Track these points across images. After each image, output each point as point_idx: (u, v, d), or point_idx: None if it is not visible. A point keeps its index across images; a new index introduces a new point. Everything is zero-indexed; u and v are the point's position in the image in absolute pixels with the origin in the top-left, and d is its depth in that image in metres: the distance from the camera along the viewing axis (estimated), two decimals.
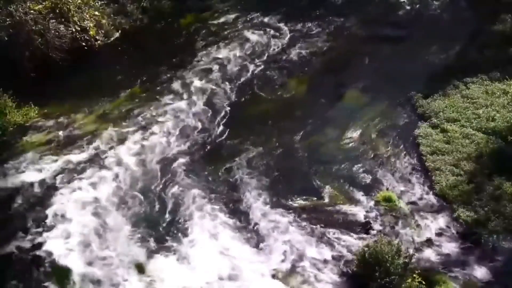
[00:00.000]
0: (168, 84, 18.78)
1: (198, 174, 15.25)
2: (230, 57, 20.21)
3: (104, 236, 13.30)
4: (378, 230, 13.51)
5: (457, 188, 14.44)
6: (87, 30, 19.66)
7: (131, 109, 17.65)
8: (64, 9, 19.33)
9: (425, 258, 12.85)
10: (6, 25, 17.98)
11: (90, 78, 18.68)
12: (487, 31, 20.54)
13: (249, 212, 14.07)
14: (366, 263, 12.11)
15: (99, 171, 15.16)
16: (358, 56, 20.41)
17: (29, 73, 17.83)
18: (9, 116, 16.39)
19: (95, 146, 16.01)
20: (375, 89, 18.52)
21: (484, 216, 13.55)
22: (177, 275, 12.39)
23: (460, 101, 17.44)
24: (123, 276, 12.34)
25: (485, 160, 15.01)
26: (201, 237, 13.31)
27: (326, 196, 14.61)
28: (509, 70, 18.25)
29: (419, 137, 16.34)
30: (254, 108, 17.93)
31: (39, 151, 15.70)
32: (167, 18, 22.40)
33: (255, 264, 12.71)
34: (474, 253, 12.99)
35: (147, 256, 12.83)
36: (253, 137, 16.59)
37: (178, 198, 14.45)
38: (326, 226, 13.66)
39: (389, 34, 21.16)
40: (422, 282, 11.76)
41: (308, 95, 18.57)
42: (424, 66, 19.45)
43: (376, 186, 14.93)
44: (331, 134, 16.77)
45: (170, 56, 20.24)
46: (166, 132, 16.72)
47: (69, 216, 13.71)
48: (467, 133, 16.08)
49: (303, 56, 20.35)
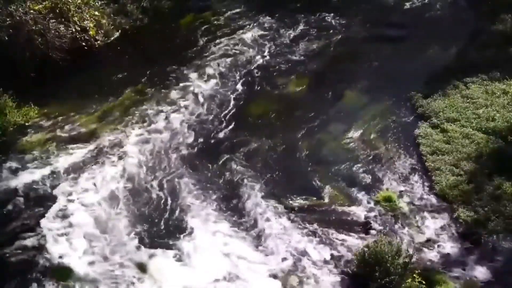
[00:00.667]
0: (168, 84, 18.78)
1: (198, 174, 15.25)
2: (230, 57, 20.22)
3: (104, 236, 13.29)
4: (378, 230, 13.52)
5: (457, 188, 14.45)
6: (87, 30, 19.67)
7: (131, 109, 17.64)
8: (64, 9, 19.33)
9: (425, 258, 12.86)
10: (6, 25, 17.98)
11: (90, 78, 18.68)
12: (487, 31, 20.55)
13: (249, 212, 14.07)
14: (366, 263, 12.11)
15: (99, 170, 15.15)
16: (358, 56, 20.43)
17: (29, 73, 17.82)
18: (9, 116, 16.37)
19: (95, 146, 16.01)
20: (375, 89, 18.52)
21: (484, 216, 13.56)
22: (177, 275, 12.39)
23: (460, 101, 17.44)
24: (123, 276, 12.34)
25: (485, 160, 15.01)
26: (201, 237, 13.31)
27: (326, 196, 14.62)
28: (509, 70, 18.25)
29: (419, 137, 16.35)
30: (254, 108, 17.93)
31: (39, 151, 15.69)
32: (167, 18, 22.40)
33: (255, 264, 12.71)
34: (474, 253, 12.99)
35: (147, 256, 12.81)
36: (253, 137, 16.59)
37: (179, 197, 14.46)
38: (326, 226, 13.67)
39: (389, 34, 21.15)
40: (422, 282, 11.77)
41: (308, 95, 18.58)
42: (424, 66, 19.46)
43: (376, 186, 14.93)
44: (331, 134, 16.77)
45: (170, 56, 20.24)
46: (166, 131, 16.73)
47: (70, 216, 13.69)
48: (467, 133, 16.09)
49: (303, 56, 20.35)
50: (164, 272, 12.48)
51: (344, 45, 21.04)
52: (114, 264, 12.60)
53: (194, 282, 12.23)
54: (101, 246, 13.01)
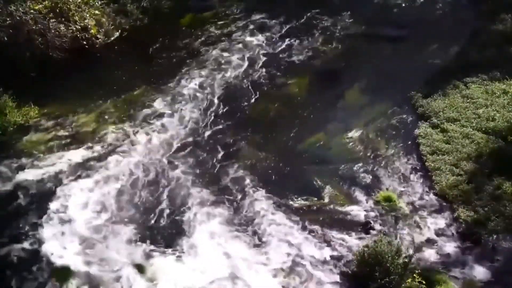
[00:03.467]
0: (168, 84, 18.79)
1: (198, 174, 15.25)
2: (230, 57, 20.23)
3: (104, 235, 13.29)
4: (378, 230, 13.52)
5: (457, 188, 14.45)
6: (87, 29, 19.67)
7: (131, 108, 17.65)
8: (64, 9, 19.32)
9: (425, 258, 12.86)
10: (6, 25, 17.97)
11: (90, 77, 18.67)
12: (487, 31, 20.55)
13: (249, 212, 14.08)
14: (366, 263, 12.12)
15: (99, 170, 15.15)
16: (358, 56, 20.43)
17: (29, 73, 17.82)
18: (9, 116, 16.36)
19: (95, 146, 16.00)
20: (375, 89, 18.54)
21: (484, 216, 13.56)
22: (177, 275, 12.38)
23: (460, 101, 17.45)
24: (123, 276, 12.34)
25: (485, 160, 15.02)
26: (201, 237, 13.32)
27: (326, 196, 14.62)
28: (509, 70, 18.27)
29: (419, 137, 16.36)
30: (253, 108, 17.92)
31: (39, 151, 15.69)
32: (167, 18, 22.41)
33: (255, 264, 12.71)
34: (474, 253, 13.00)
35: (147, 256, 12.82)
36: (253, 137, 16.60)
37: (179, 197, 14.46)
38: (326, 226, 13.68)
39: (389, 34, 21.16)
40: (422, 282, 11.77)
41: (308, 95, 18.58)
42: (424, 66, 19.49)
43: (376, 186, 14.94)
44: (331, 134, 16.78)
45: (170, 56, 20.24)
46: (167, 131, 16.73)
47: (70, 216, 13.69)
48: (467, 133, 16.09)
49: (303, 56, 20.35)
50: (164, 272, 12.47)
51: (344, 45, 21.04)
52: (113, 264, 12.59)
53: (194, 282, 12.23)
54: (101, 246, 13.00)
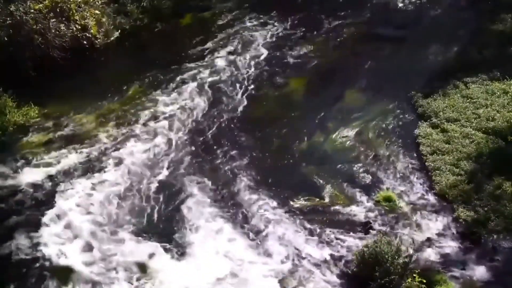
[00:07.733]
0: (168, 84, 18.79)
1: (198, 174, 15.24)
2: (230, 57, 20.24)
3: (104, 236, 13.28)
4: (378, 230, 13.51)
5: (457, 188, 14.44)
6: (87, 29, 19.67)
7: (131, 108, 17.66)
8: (64, 8, 19.33)
9: (425, 258, 12.84)
10: (6, 25, 17.98)
11: (90, 77, 18.70)
12: (487, 31, 20.55)
13: (249, 212, 14.07)
14: (366, 263, 12.11)
15: (99, 170, 15.16)
16: (358, 56, 20.44)
17: (29, 73, 17.83)
18: (9, 116, 16.38)
19: (95, 146, 16.02)
20: (375, 89, 18.54)
21: (484, 216, 13.55)
22: (177, 275, 12.37)
23: (460, 101, 17.44)
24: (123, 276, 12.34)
25: (485, 160, 15.00)
26: (201, 237, 13.31)
27: (326, 196, 14.62)
28: (509, 70, 18.25)
29: (419, 137, 16.34)
30: (253, 108, 17.94)
31: (39, 151, 15.70)
32: (167, 18, 22.42)
33: (255, 264, 12.69)
34: (474, 253, 12.99)
35: (147, 256, 12.81)
36: (252, 137, 16.60)
37: (178, 197, 14.46)
38: (326, 226, 13.66)
39: (389, 34, 21.17)
40: (422, 282, 11.75)
41: (308, 95, 18.59)
42: (424, 66, 19.48)
43: (376, 186, 14.93)
44: (331, 134, 16.77)
45: (170, 56, 20.26)
46: (166, 131, 16.73)
47: (70, 216, 13.68)
48: (467, 133, 16.09)
49: (303, 56, 20.36)
50: (164, 272, 12.46)
51: (344, 45, 21.05)
52: (113, 264, 12.59)
53: (194, 282, 12.22)
54: (101, 246, 13.00)
